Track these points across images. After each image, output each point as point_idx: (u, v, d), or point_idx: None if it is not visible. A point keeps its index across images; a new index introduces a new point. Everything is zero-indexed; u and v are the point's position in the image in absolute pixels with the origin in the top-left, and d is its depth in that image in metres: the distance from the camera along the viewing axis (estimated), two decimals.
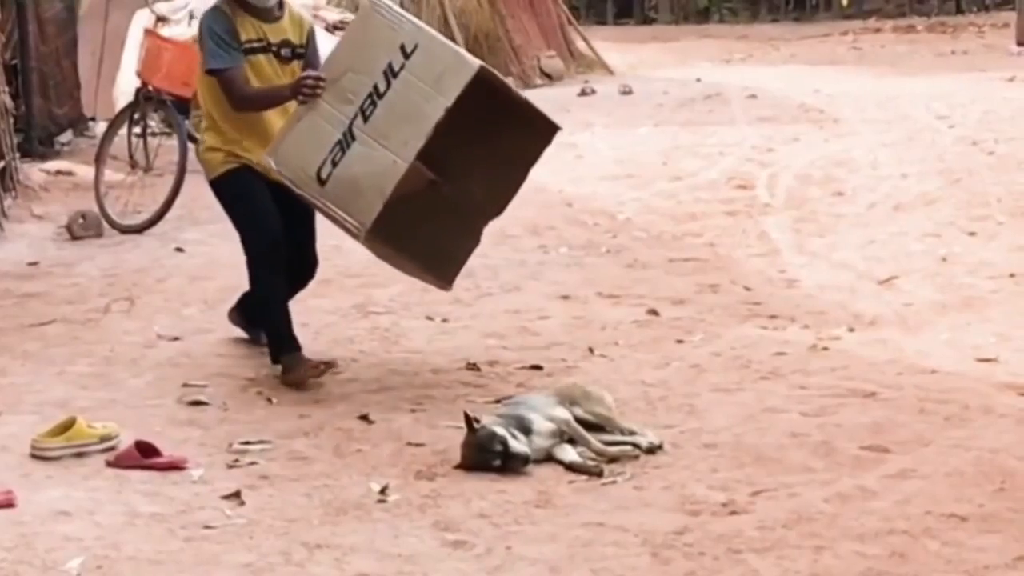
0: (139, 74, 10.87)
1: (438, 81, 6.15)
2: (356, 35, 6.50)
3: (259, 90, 6.66)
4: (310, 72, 6.51)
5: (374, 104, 6.23)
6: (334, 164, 6.25)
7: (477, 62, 6.25)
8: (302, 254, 6.90)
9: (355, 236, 6.35)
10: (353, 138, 6.23)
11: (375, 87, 6.24)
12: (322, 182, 6.27)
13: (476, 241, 6.88)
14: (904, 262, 8.79)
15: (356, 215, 6.20)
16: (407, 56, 6.19)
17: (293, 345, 6.65)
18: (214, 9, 6.74)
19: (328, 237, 8.62)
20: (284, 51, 6.79)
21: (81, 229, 9.92)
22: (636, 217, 10.30)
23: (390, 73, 6.21)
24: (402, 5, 17.18)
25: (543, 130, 6.81)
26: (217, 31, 6.63)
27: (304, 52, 6.84)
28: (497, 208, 6.82)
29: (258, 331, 7.06)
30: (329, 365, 6.57)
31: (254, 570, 4.57)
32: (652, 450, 5.54)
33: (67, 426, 5.67)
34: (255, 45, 6.70)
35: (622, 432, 5.66)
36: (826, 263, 8.90)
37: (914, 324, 7.50)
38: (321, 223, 6.86)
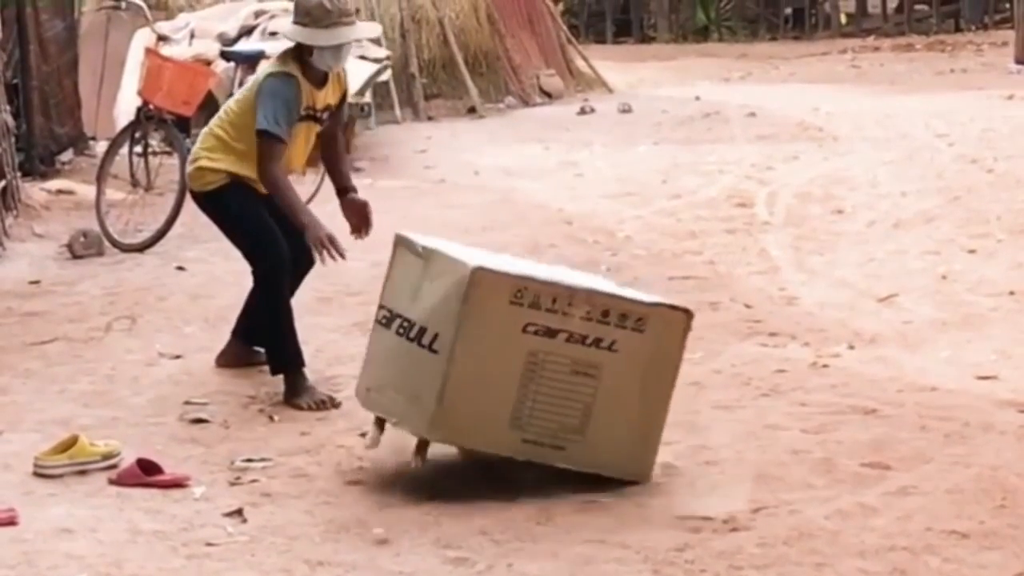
0: (140, 93, 10.88)
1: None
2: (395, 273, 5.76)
3: (289, 187, 6.58)
4: (331, 237, 6.43)
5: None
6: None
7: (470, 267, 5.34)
8: (299, 244, 6.90)
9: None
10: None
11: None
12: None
13: None
14: (904, 280, 8.79)
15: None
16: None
17: (299, 360, 6.67)
18: (288, 76, 6.56)
19: None
20: (324, 115, 6.79)
21: (82, 248, 9.93)
22: (636, 235, 10.31)
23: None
24: (402, 25, 17.26)
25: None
26: (289, 100, 6.51)
27: (335, 111, 6.87)
28: None
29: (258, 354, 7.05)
30: (334, 404, 6.54)
31: None
32: None
33: (69, 444, 5.68)
34: (304, 114, 6.66)
35: None
36: (826, 281, 8.91)
37: (914, 341, 7.51)
38: None
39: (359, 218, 6.95)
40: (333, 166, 7.09)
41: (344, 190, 6.99)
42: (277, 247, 6.68)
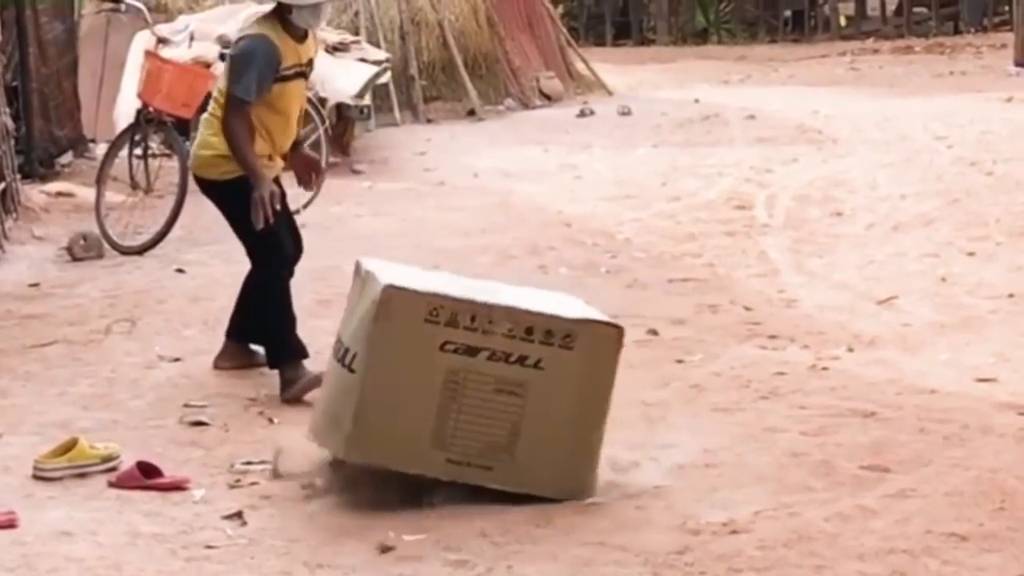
0: (140, 95, 10.89)
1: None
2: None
3: (247, 142, 6.71)
4: (272, 200, 6.60)
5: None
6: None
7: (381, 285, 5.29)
8: (292, 232, 7.05)
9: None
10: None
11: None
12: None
13: None
14: (903, 282, 8.80)
15: None
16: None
17: (300, 350, 6.71)
18: (263, 39, 6.73)
19: (325, 258, 8.65)
20: (308, 70, 6.99)
21: (82, 250, 9.93)
22: (635, 237, 10.31)
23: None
24: (401, 27, 17.25)
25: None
26: (262, 64, 6.67)
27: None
28: None
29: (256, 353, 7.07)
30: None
31: None
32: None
33: (69, 447, 5.68)
34: (294, 71, 6.82)
35: None
36: (825, 283, 8.92)
37: (913, 344, 7.51)
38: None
39: (307, 171, 7.20)
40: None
41: (295, 144, 7.12)
42: (286, 243, 6.84)
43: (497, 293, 5.51)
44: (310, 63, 6.99)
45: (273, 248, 6.79)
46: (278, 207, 6.70)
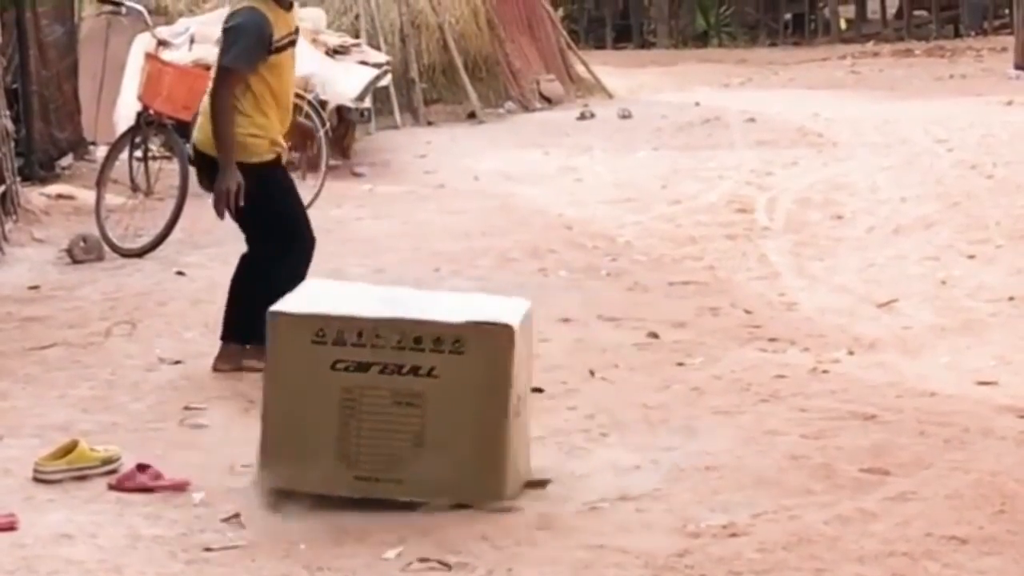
0: (140, 98, 10.90)
1: None
2: None
3: (231, 121, 6.82)
4: (235, 193, 6.78)
5: None
6: None
7: None
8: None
9: None
10: None
11: None
12: None
13: None
14: (903, 285, 8.80)
15: None
16: None
17: (260, 336, 6.76)
18: (254, 11, 6.86)
19: (326, 262, 8.64)
20: (296, 38, 7.12)
21: (82, 253, 9.93)
22: (636, 240, 10.31)
23: None
24: (402, 30, 17.26)
25: None
26: (253, 36, 6.81)
27: None
28: None
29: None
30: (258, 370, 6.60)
31: None
32: None
33: (69, 449, 5.68)
34: (286, 41, 6.96)
35: None
36: (825, 286, 8.92)
37: (913, 347, 7.52)
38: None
39: (302, 138, 7.52)
40: None
41: None
42: (310, 229, 7.04)
43: (405, 304, 5.47)
44: (297, 31, 7.14)
45: (299, 218, 7.01)
46: (222, 211, 6.87)
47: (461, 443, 5.24)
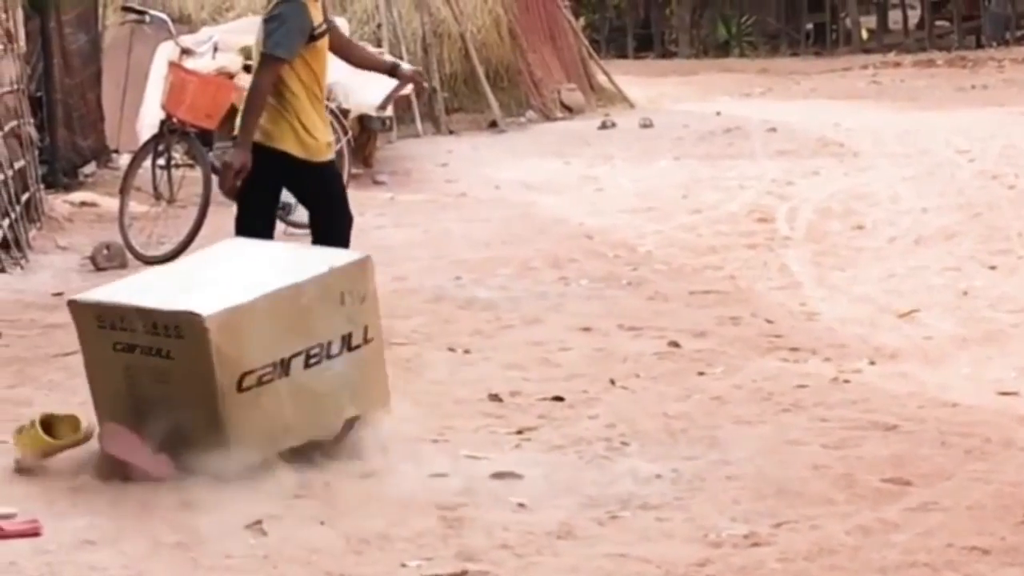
0: (163, 106, 10.94)
1: None
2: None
3: (261, 107, 6.92)
4: (240, 174, 6.85)
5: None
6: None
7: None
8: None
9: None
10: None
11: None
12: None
13: None
14: (925, 295, 8.79)
15: None
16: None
17: None
18: (294, 1, 6.91)
19: None
20: (328, 27, 7.17)
21: (105, 260, 9.97)
22: (657, 250, 10.32)
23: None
24: (424, 39, 17.30)
25: None
26: (297, 25, 6.87)
27: None
28: None
29: None
30: None
31: None
32: None
33: (35, 440, 5.76)
34: (322, 29, 7.02)
35: None
36: (847, 296, 8.92)
37: (935, 357, 7.51)
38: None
39: (412, 80, 7.71)
40: (364, 60, 7.70)
41: (392, 67, 7.58)
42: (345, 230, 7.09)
43: (185, 286, 5.82)
44: (328, 20, 7.23)
45: (343, 218, 7.07)
46: (228, 191, 6.95)
47: (195, 421, 5.59)
